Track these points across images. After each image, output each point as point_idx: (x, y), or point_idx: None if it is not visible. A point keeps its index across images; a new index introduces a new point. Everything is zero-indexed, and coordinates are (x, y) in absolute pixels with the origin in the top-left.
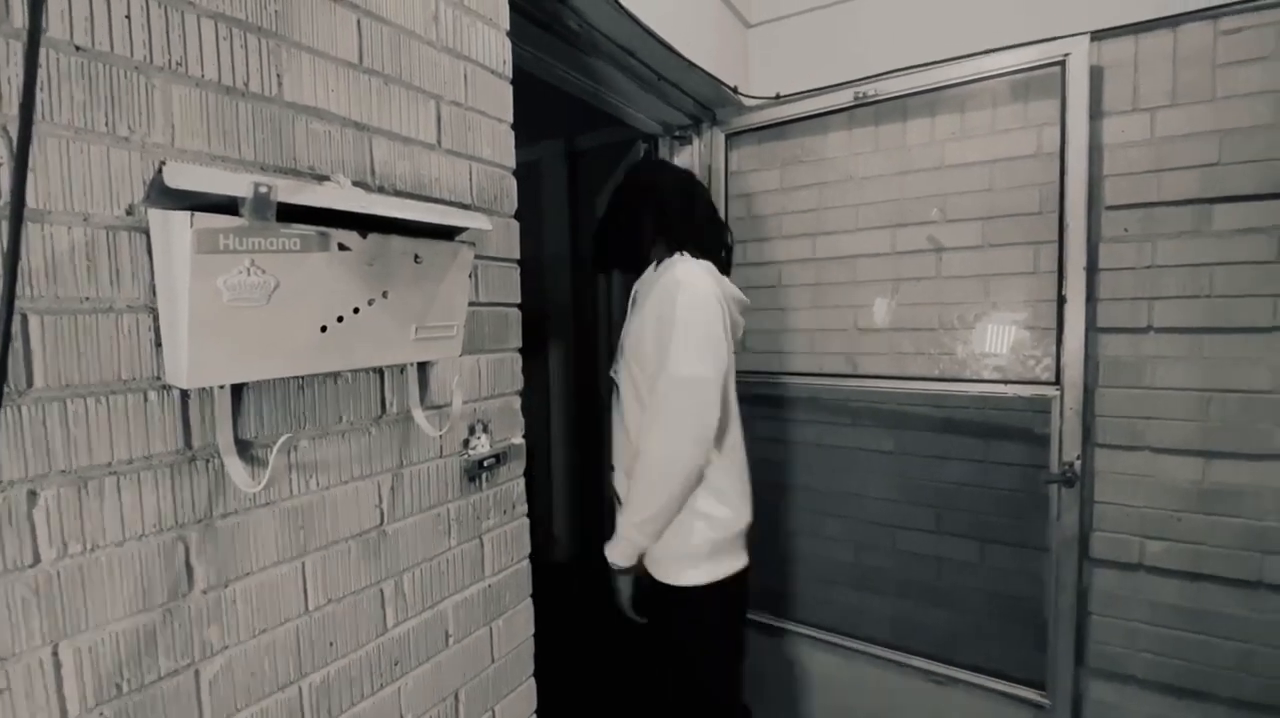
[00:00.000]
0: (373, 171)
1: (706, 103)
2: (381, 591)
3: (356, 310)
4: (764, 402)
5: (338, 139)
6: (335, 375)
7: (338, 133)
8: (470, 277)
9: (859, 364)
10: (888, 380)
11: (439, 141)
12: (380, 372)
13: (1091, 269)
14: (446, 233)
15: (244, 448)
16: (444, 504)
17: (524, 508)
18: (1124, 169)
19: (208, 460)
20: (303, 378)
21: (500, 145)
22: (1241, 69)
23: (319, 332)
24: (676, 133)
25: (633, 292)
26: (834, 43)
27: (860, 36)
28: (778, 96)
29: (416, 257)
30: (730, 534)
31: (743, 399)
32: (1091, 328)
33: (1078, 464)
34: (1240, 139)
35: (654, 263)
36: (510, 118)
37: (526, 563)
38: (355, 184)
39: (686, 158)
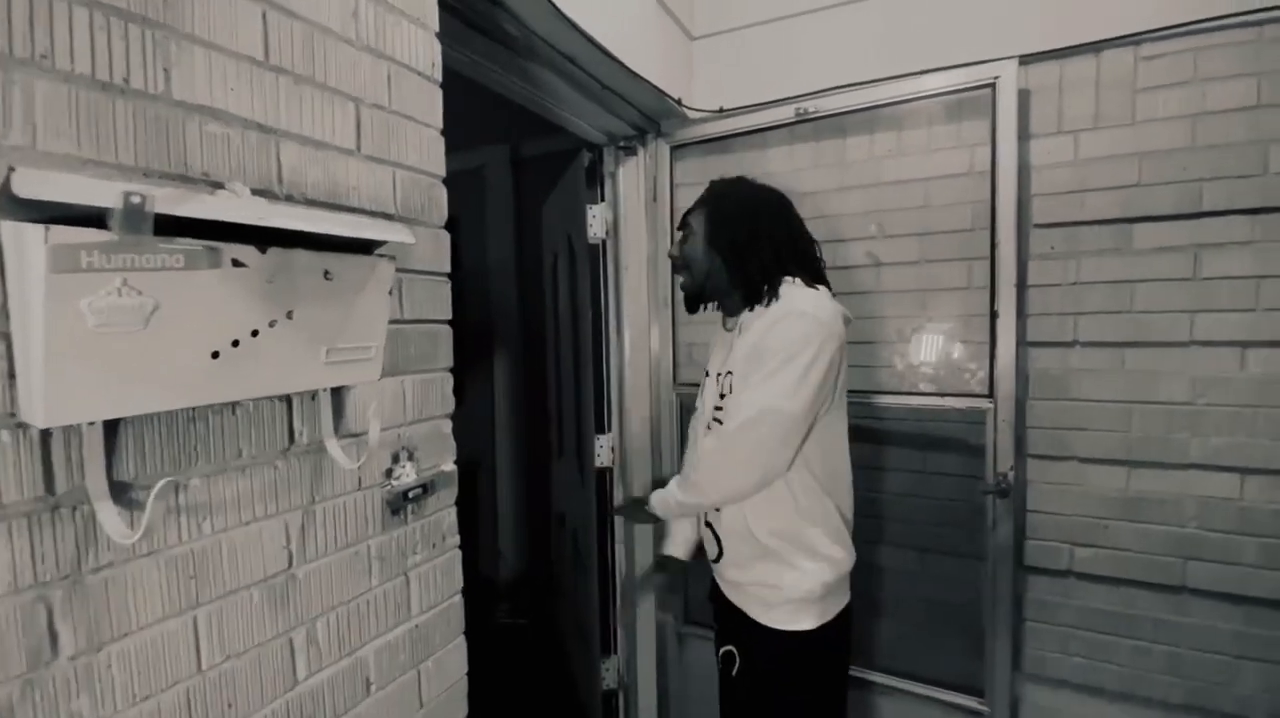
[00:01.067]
0: (280, 179)
1: (651, 114)
2: (291, 640)
3: (255, 333)
4: None
5: (238, 143)
6: (234, 405)
7: (238, 136)
8: (391, 293)
9: None
10: None
11: (358, 147)
12: (288, 399)
13: (1021, 285)
14: (363, 246)
15: (121, 491)
16: (364, 541)
17: (455, 539)
18: (1050, 189)
19: (75, 508)
20: (194, 409)
21: (428, 152)
22: (1160, 94)
23: (210, 358)
24: (621, 143)
25: (738, 323)
26: (776, 58)
27: (801, 53)
28: (721, 110)
29: (326, 273)
30: (842, 574)
31: (686, 412)
32: (1022, 342)
33: (1011, 475)
34: (1158, 161)
35: (765, 293)
36: (439, 123)
37: (458, 598)
38: (258, 193)
39: (632, 168)
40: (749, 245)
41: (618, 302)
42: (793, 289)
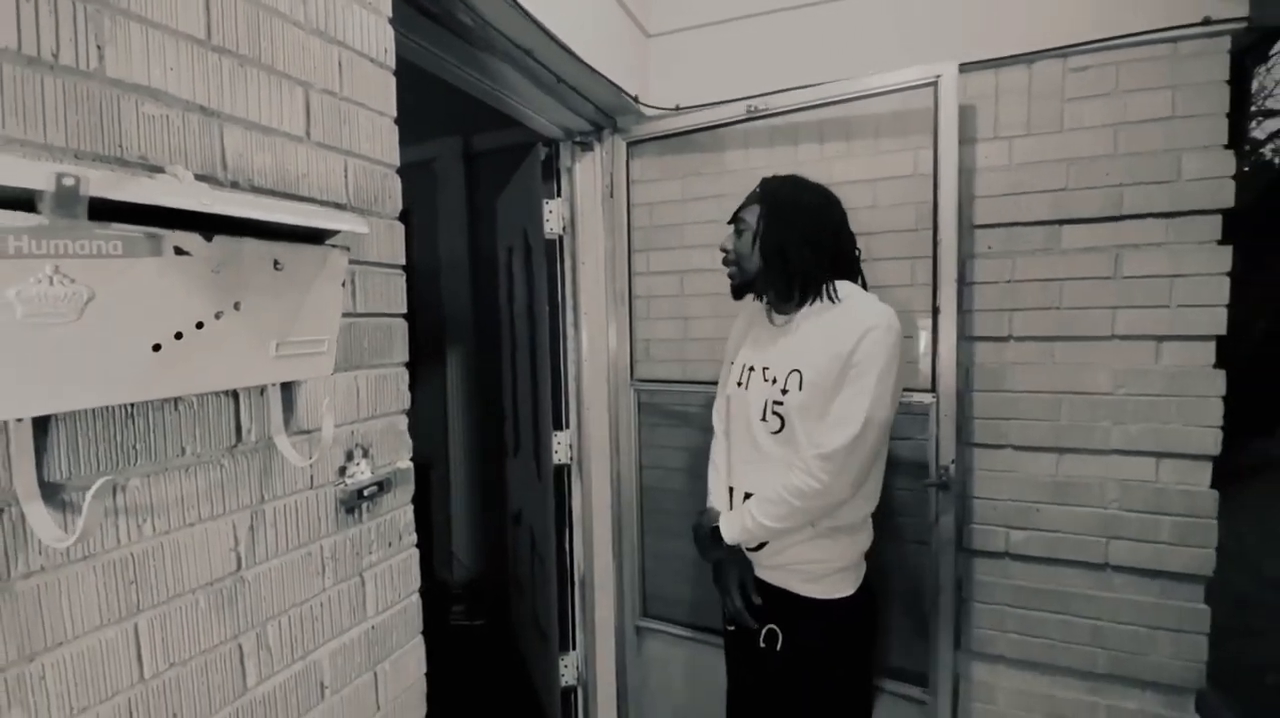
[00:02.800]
0: (225, 164)
1: (608, 110)
2: (240, 646)
3: (200, 325)
4: (664, 410)
5: (179, 125)
6: (176, 401)
7: (179, 118)
8: (344, 285)
9: None
10: None
11: (308, 133)
12: (235, 394)
13: (961, 283)
14: (314, 236)
15: (53, 492)
16: (316, 541)
17: (412, 538)
18: (987, 191)
19: (3, 510)
20: (134, 405)
21: (382, 140)
22: (1086, 103)
23: (151, 351)
24: (578, 138)
25: (789, 319)
26: (731, 59)
27: (755, 55)
28: (677, 108)
29: (276, 263)
30: (870, 544)
31: (644, 407)
32: (963, 337)
33: (952, 469)
34: (1084, 167)
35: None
36: (393, 111)
37: (416, 598)
38: (200, 178)
39: (589, 164)
40: (798, 249)
41: (575, 298)
42: (854, 291)
